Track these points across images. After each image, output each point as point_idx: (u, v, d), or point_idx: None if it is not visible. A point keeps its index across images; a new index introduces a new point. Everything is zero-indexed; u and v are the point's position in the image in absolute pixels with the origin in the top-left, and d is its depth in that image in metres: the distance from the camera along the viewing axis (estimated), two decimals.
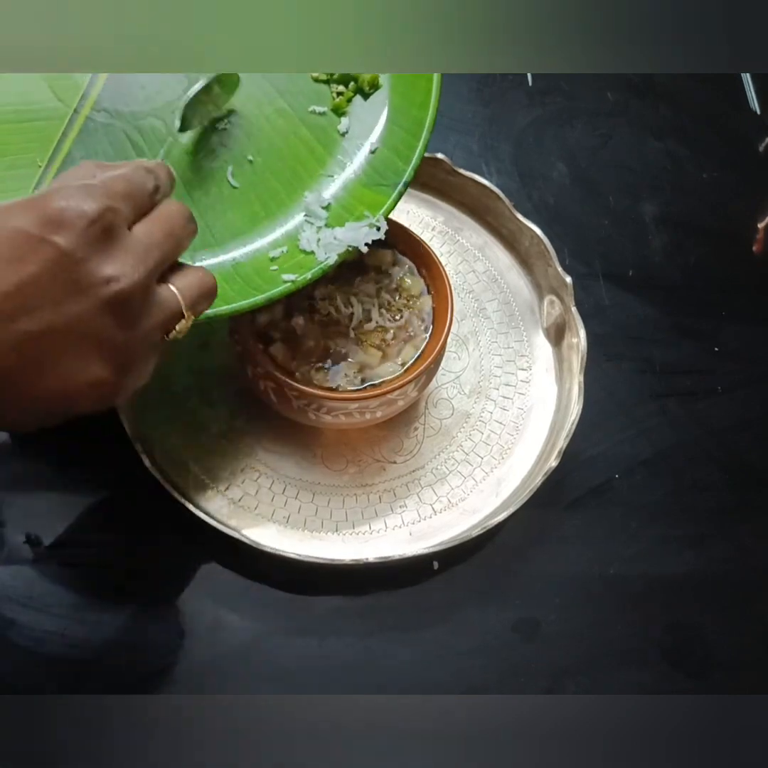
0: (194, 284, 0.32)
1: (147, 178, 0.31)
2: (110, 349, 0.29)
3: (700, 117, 0.60)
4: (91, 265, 0.28)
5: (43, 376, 0.28)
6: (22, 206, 0.28)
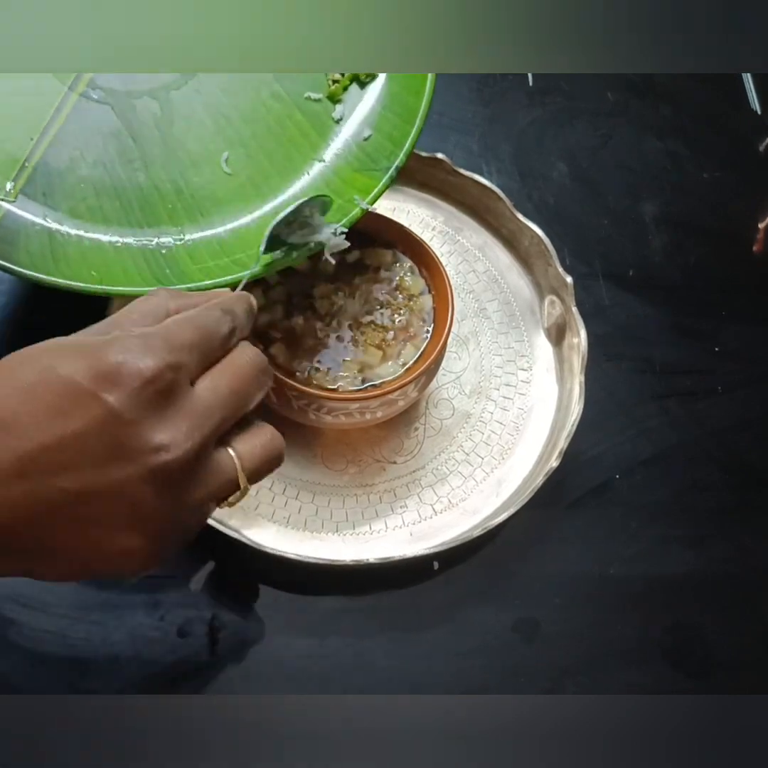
0: (257, 449, 0.29)
1: (222, 321, 0.28)
2: (148, 519, 0.26)
3: (700, 117, 0.60)
4: (140, 429, 0.25)
5: (73, 535, 0.26)
6: (76, 351, 0.26)
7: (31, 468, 0.25)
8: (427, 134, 0.55)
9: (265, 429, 0.30)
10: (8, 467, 0.25)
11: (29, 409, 0.25)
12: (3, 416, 0.25)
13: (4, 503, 0.25)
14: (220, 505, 0.29)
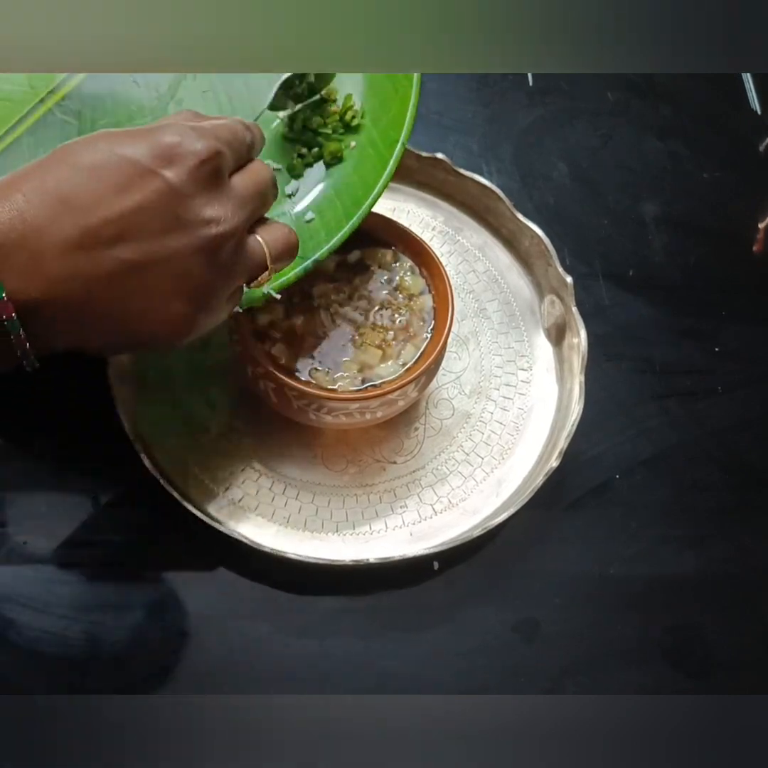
0: (279, 239, 0.33)
1: (245, 131, 0.32)
2: (195, 288, 0.29)
3: (700, 117, 0.60)
4: (195, 204, 0.28)
5: (129, 304, 0.28)
6: (131, 136, 0.28)
7: (92, 240, 0.27)
8: (427, 134, 0.55)
9: (282, 224, 0.34)
10: (70, 240, 0.27)
11: (90, 186, 0.27)
12: (66, 194, 0.27)
13: (65, 275, 0.27)
14: (250, 285, 0.32)
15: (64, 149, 0.28)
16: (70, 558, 0.40)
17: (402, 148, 0.40)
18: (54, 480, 0.42)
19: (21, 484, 0.42)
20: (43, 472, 0.42)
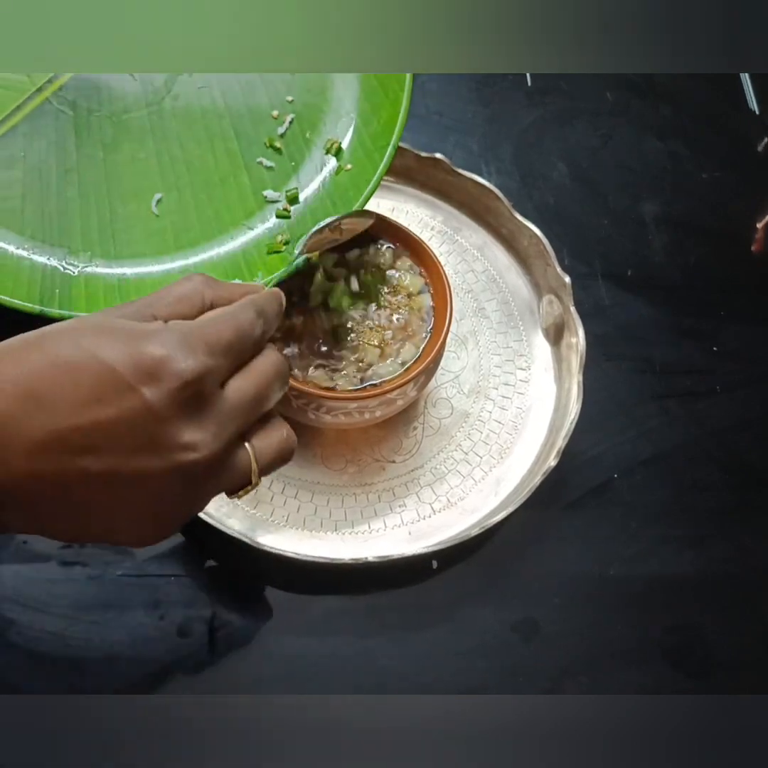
0: (273, 446, 0.30)
1: (256, 323, 0.29)
2: (162, 509, 0.28)
3: (700, 117, 0.60)
4: (172, 427, 0.26)
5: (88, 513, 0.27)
6: (115, 337, 0.26)
7: (58, 445, 0.25)
8: (426, 134, 0.55)
9: (281, 426, 0.31)
10: (36, 441, 0.25)
11: (65, 388, 0.25)
12: (38, 391, 0.25)
13: (26, 472, 0.26)
14: (230, 497, 0.30)
15: (48, 337, 0.27)
16: (70, 558, 0.40)
17: (393, 152, 0.40)
18: None
19: None
20: None
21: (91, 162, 0.39)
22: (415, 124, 0.55)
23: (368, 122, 0.41)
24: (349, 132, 0.41)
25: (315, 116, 0.42)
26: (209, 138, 0.41)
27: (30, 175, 0.39)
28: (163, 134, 0.40)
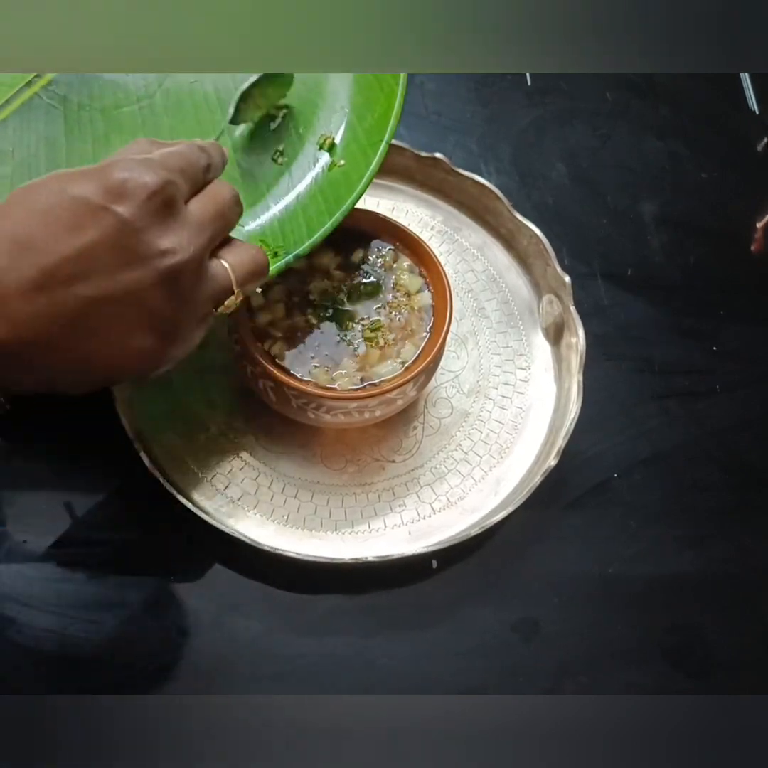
0: (245, 261, 0.32)
1: (200, 155, 0.32)
2: (159, 320, 0.29)
3: (700, 117, 0.60)
4: (149, 236, 0.28)
5: (92, 341, 0.28)
6: (82, 175, 0.29)
7: (50, 280, 0.27)
8: (426, 134, 0.55)
9: (249, 246, 0.33)
10: (29, 282, 0.27)
11: (46, 228, 0.27)
12: (22, 237, 0.27)
13: (27, 317, 0.27)
14: (217, 310, 0.32)
15: (19, 193, 0.29)
16: (69, 557, 0.40)
17: (386, 147, 0.40)
18: (54, 479, 0.42)
19: (21, 484, 0.42)
20: (43, 472, 0.42)
21: (81, 157, 0.39)
22: (414, 123, 0.55)
23: (362, 117, 0.41)
24: (343, 127, 0.41)
25: (309, 111, 0.41)
26: (201, 133, 0.40)
27: (19, 170, 0.38)
28: (155, 129, 0.40)
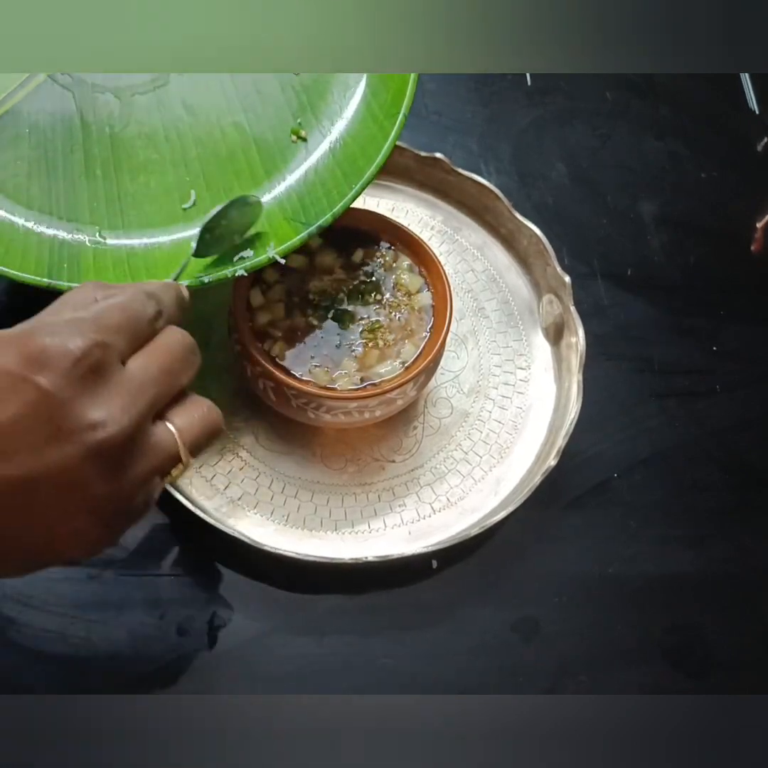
0: (195, 422, 0.29)
1: (147, 304, 0.29)
2: (95, 501, 0.26)
3: (700, 117, 0.60)
4: (74, 408, 0.25)
5: (20, 525, 0.26)
6: (5, 342, 0.26)
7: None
8: (426, 134, 0.55)
9: (200, 402, 0.30)
10: None
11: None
12: None
13: None
14: (163, 480, 0.29)
15: None
16: None
17: (403, 119, 0.40)
18: None
19: None
20: None
21: (97, 138, 0.39)
22: (414, 123, 0.55)
23: (377, 91, 0.41)
24: (357, 100, 0.41)
25: (323, 87, 0.41)
26: (217, 113, 0.41)
27: (35, 152, 0.39)
28: (170, 110, 0.40)
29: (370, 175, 0.39)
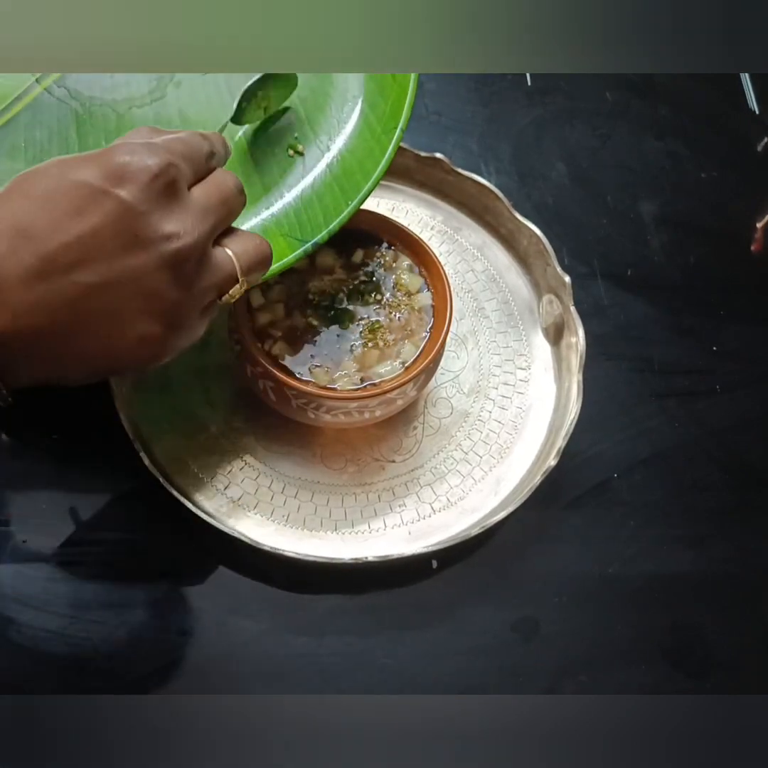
0: (249, 250, 0.32)
1: (203, 143, 0.32)
2: (163, 306, 0.28)
3: (700, 117, 0.60)
4: (152, 220, 0.27)
5: (94, 329, 0.28)
6: (84, 160, 0.28)
7: (52, 267, 0.27)
8: (426, 134, 0.55)
9: (253, 235, 0.33)
10: (30, 270, 0.26)
11: (46, 213, 0.27)
12: (22, 224, 0.27)
13: (27, 305, 0.27)
14: (221, 299, 0.31)
15: (20, 179, 0.28)
16: (69, 557, 0.40)
17: (401, 134, 0.40)
18: (54, 479, 0.42)
19: (21, 484, 0.42)
20: (43, 472, 0.42)
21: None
22: (414, 124, 0.54)
23: (375, 104, 0.41)
24: (356, 115, 0.41)
25: (321, 100, 0.41)
26: (214, 125, 0.41)
27: (32, 164, 0.39)
28: (168, 123, 0.40)
29: (367, 191, 0.39)
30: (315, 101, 0.41)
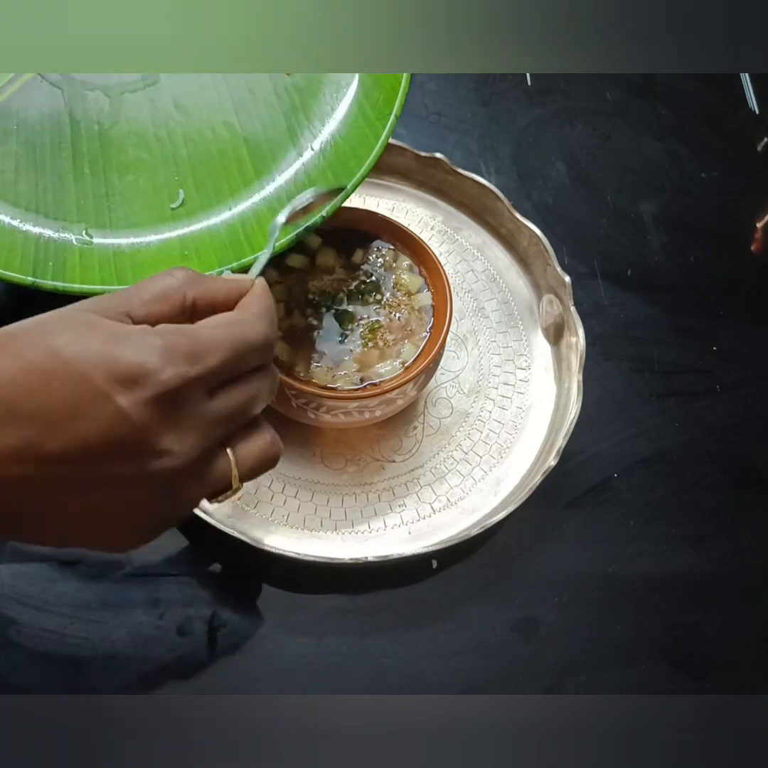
0: (255, 453, 0.29)
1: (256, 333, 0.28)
2: (140, 517, 0.27)
3: (700, 117, 0.60)
4: (148, 433, 0.25)
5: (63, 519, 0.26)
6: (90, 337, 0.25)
7: (31, 454, 0.25)
8: (426, 134, 0.55)
9: (265, 431, 0.30)
10: (9, 450, 0.25)
11: (38, 397, 0.25)
12: (9, 398, 0.25)
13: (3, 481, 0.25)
14: (210, 502, 0.29)
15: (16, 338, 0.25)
16: (69, 557, 0.40)
17: (395, 121, 0.40)
18: None
19: None
20: None
21: (86, 135, 0.39)
22: (414, 123, 0.55)
23: (369, 91, 0.41)
24: (350, 101, 0.41)
25: (315, 87, 0.41)
26: (208, 112, 0.40)
27: (24, 148, 0.39)
28: (161, 108, 0.40)
29: (361, 176, 0.39)
30: (309, 88, 0.41)
